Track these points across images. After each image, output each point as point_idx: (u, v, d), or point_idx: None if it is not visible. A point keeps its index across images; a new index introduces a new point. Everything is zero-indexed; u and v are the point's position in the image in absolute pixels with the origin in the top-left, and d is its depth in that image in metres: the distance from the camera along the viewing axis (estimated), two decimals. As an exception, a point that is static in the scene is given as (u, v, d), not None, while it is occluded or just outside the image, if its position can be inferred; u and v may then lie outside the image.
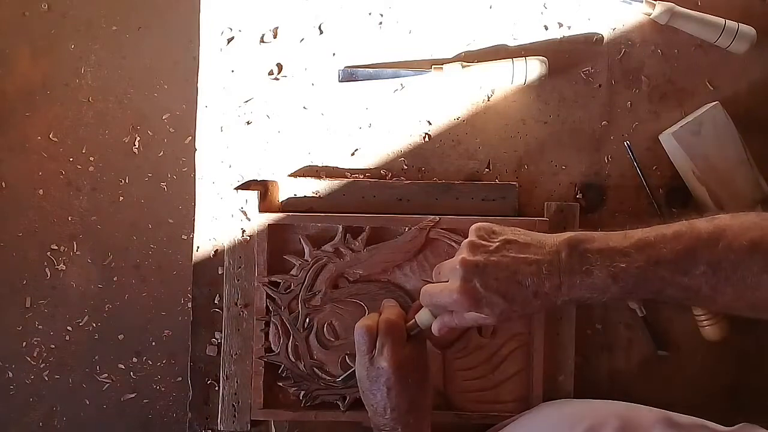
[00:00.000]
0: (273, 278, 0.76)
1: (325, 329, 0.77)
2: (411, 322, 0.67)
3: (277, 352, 0.76)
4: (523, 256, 0.57)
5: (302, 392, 0.76)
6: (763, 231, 0.52)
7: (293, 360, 0.76)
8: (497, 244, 0.58)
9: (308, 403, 0.77)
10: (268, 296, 0.76)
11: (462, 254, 0.58)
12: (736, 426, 0.60)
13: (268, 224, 0.75)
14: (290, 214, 0.76)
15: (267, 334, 0.76)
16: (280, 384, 0.77)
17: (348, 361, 0.76)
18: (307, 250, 0.76)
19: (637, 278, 0.54)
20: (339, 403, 0.76)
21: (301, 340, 0.76)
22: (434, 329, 0.64)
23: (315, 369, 0.76)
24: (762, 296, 0.52)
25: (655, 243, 0.54)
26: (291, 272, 0.76)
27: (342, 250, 0.76)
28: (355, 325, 0.68)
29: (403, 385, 0.66)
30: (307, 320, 0.76)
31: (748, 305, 0.54)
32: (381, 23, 0.79)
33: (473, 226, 0.61)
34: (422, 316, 0.66)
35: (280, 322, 0.76)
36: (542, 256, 0.56)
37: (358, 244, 0.76)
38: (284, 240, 0.77)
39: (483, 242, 0.59)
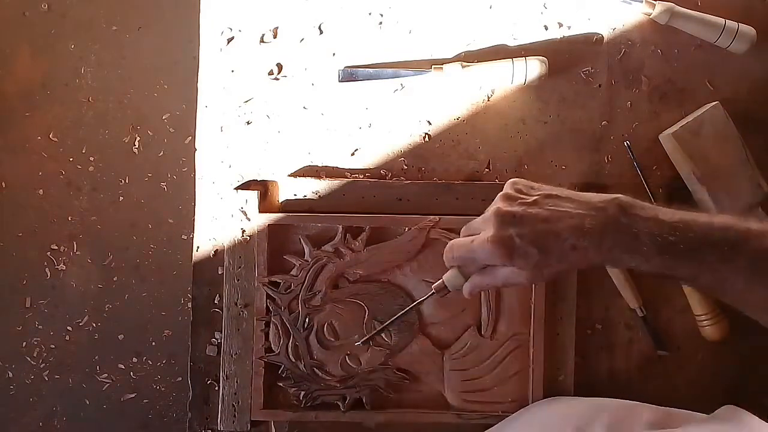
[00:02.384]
0: (273, 278, 0.76)
1: (325, 329, 0.76)
2: (439, 282, 0.61)
3: (277, 352, 0.76)
4: (564, 209, 0.54)
5: (302, 392, 0.76)
6: None
7: (293, 360, 0.76)
8: (536, 197, 0.55)
9: (308, 404, 0.76)
10: (268, 296, 0.76)
11: (497, 204, 0.56)
12: (718, 409, 0.60)
13: (268, 224, 0.75)
14: (290, 214, 0.76)
15: (267, 334, 0.76)
16: (280, 384, 0.77)
17: (348, 361, 0.76)
18: (307, 250, 0.76)
19: (681, 254, 0.52)
20: (339, 403, 0.76)
21: (301, 340, 0.76)
22: (465, 292, 0.60)
23: (315, 369, 0.76)
24: None
25: (705, 225, 0.52)
26: (291, 272, 0.76)
27: (342, 250, 0.76)
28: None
29: None
30: (307, 320, 0.76)
31: None
32: (381, 23, 0.79)
33: (509, 181, 0.58)
34: (451, 278, 0.60)
35: (280, 322, 0.76)
36: (586, 211, 0.54)
37: (358, 244, 0.76)
38: (284, 240, 0.77)
39: (520, 195, 0.56)
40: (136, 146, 1.60)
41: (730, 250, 0.52)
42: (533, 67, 0.75)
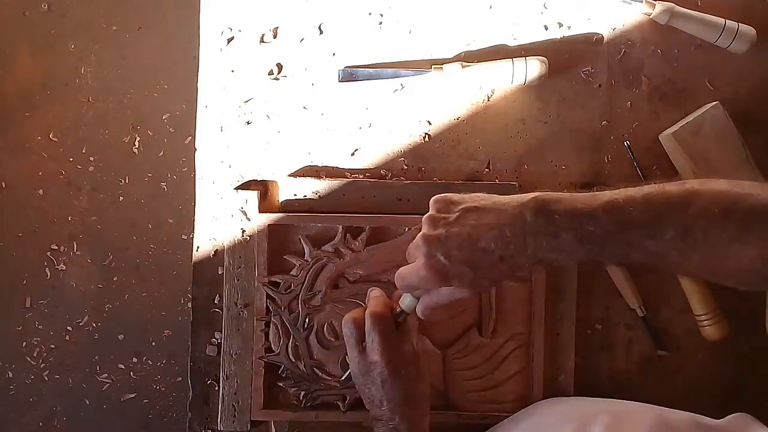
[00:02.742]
0: (273, 278, 0.76)
1: (325, 329, 0.77)
2: (396, 309, 0.66)
3: (277, 352, 0.76)
4: (484, 222, 0.55)
5: (302, 392, 0.76)
6: (735, 199, 0.50)
7: (293, 360, 0.76)
8: (457, 214, 0.57)
9: (308, 404, 0.76)
10: (268, 296, 0.76)
11: (423, 229, 0.58)
12: (728, 416, 0.60)
13: (268, 224, 0.75)
14: (290, 214, 0.76)
15: (267, 334, 0.76)
16: (280, 384, 0.77)
17: (348, 361, 0.76)
18: (307, 250, 0.76)
19: (604, 241, 0.52)
20: (339, 403, 0.76)
21: (301, 340, 0.76)
22: (418, 312, 0.63)
23: (315, 369, 0.76)
24: (730, 265, 0.51)
25: (624, 206, 0.52)
26: (291, 272, 0.76)
27: (342, 250, 0.76)
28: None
29: (396, 377, 0.66)
30: (307, 320, 0.76)
31: (716, 272, 0.53)
32: (381, 23, 0.79)
33: (432, 200, 0.59)
34: (405, 301, 0.65)
35: (280, 322, 0.76)
36: (505, 220, 0.54)
37: (358, 244, 0.76)
38: (284, 240, 0.77)
39: (442, 215, 0.57)
40: (136, 146, 1.60)
41: (654, 226, 0.51)
42: (533, 67, 0.75)
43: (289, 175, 0.79)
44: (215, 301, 0.79)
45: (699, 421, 0.60)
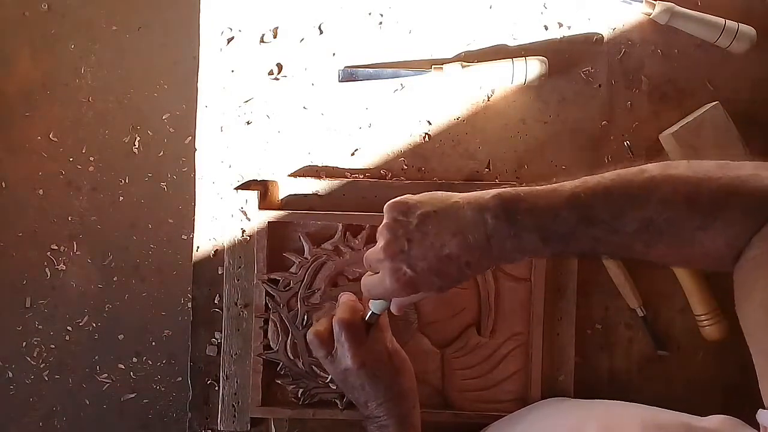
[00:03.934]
0: (272, 275, 0.76)
1: (324, 329, 0.76)
2: (367, 312, 0.66)
3: (275, 349, 0.76)
4: (445, 228, 0.53)
5: (300, 390, 0.76)
6: (697, 186, 0.49)
7: (291, 358, 0.76)
8: (416, 221, 0.54)
9: (306, 401, 0.76)
10: (268, 294, 0.76)
11: (383, 241, 0.55)
12: (715, 419, 0.59)
13: (268, 221, 0.75)
14: (290, 211, 0.76)
15: (266, 332, 0.76)
16: (279, 382, 0.77)
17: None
18: (306, 248, 0.76)
19: (569, 239, 0.51)
20: (337, 401, 0.76)
21: (299, 337, 0.76)
22: (394, 311, 0.64)
23: (313, 367, 0.76)
24: (696, 251, 0.50)
25: (586, 200, 0.50)
26: (290, 270, 0.76)
27: (342, 248, 0.76)
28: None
29: (373, 379, 0.66)
30: (306, 318, 0.76)
31: (682, 260, 0.53)
32: (381, 23, 0.79)
33: (387, 206, 0.57)
34: (377, 304, 0.65)
35: (279, 320, 0.76)
36: (467, 225, 0.53)
37: (357, 242, 0.76)
38: (284, 238, 0.77)
39: (401, 221, 0.55)
40: (136, 146, 1.60)
41: (618, 220, 0.50)
42: (533, 67, 0.75)
43: (289, 175, 0.79)
44: (215, 301, 0.79)
45: (689, 424, 0.60)
